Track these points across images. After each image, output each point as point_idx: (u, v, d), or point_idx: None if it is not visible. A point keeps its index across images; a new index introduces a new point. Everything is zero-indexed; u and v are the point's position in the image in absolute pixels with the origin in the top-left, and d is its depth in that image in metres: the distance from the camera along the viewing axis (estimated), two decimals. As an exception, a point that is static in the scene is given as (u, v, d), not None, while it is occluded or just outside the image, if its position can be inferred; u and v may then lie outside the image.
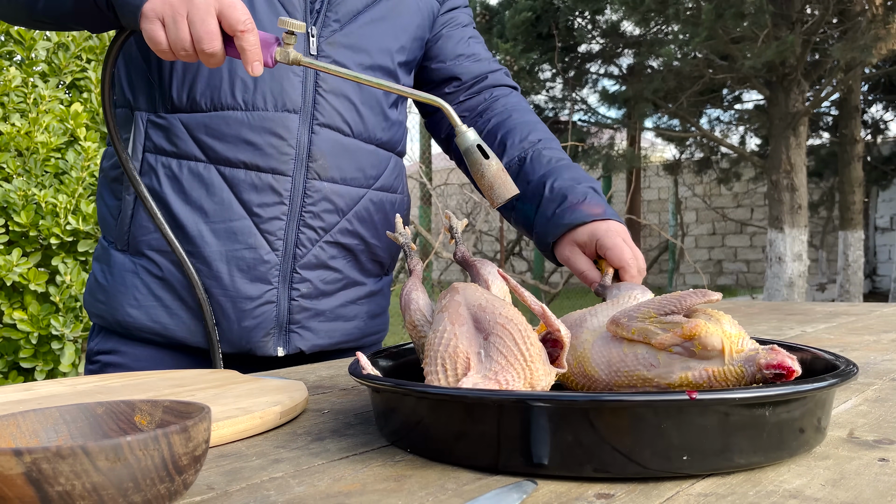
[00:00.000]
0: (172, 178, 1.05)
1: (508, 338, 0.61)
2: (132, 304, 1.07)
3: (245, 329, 1.06)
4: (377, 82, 0.90)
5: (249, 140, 1.03)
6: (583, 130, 8.75)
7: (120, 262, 1.08)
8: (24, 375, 2.30)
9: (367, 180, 1.13)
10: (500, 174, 0.89)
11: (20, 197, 2.24)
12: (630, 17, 6.83)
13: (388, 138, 1.16)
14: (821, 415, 0.58)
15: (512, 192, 0.89)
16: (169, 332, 1.07)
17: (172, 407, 0.52)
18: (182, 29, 0.85)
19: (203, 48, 0.86)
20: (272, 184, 1.04)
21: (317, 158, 1.06)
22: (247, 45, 0.86)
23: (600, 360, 0.65)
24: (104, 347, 1.11)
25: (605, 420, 0.51)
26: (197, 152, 1.04)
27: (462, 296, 0.67)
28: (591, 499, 0.49)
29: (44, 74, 2.60)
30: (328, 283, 1.11)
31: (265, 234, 1.05)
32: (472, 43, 1.25)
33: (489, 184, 0.89)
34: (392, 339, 6.49)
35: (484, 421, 0.54)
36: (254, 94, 1.03)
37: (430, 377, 0.63)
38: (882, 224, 9.77)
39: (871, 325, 1.44)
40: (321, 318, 1.11)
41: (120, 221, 1.08)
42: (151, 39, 0.87)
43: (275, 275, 1.06)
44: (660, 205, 11.78)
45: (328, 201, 1.08)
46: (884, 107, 8.98)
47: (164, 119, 1.05)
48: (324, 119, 1.06)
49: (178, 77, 1.04)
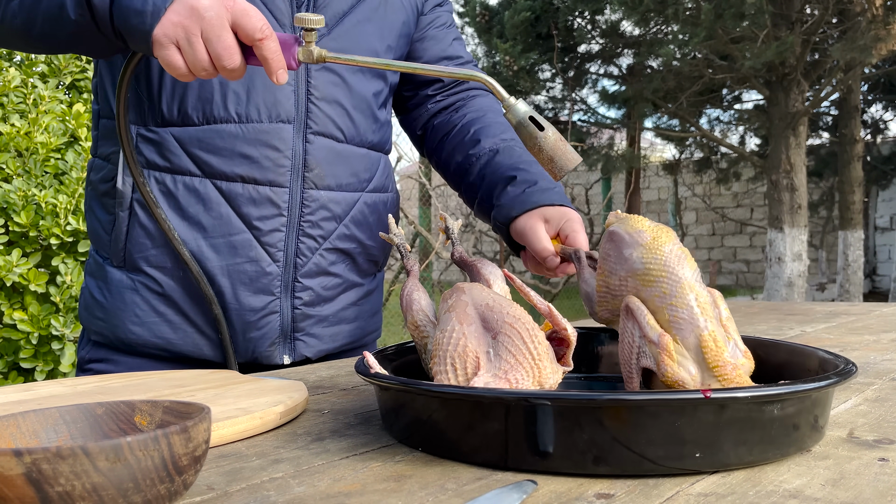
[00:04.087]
0: (168, 193, 1.03)
1: (517, 337, 0.62)
2: (134, 322, 1.05)
3: (250, 340, 1.06)
4: (409, 66, 0.87)
5: (245, 153, 1.02)
6: (582, 130, 8.74)
7: (117, 280, 1.06)
8: (24, 376, 2.30)
9: (360, 184, 1.12)
10: (559, 145, 0.83)
11: (20, 197, 2.23)
12: (630, 17, 6.83)
13: (378, 139, 1.16)
14: (819, 413, 0.58)
15: (575, 161, 0.84)
16: (174, 347, 1.06)
17: (172, 407, 0.52)
18: (199, 50, 0.81)
19: (224, 65, 0.82)
20: (270, 196, 1.03)
21: (312, 168, 1.05)
22: (268, 54, 0.82)
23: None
24: (96, 356, 1.10)
25: (621, 418, 0.52)
26: (192, 167, 1.02)
27: (469, 295, 0.67)
28: (591, 499, 0.49)
29: (43, 75, 2.60)
30: (329, 288, 1.11)
31: (266, 247, 1.04)
32: (455, 45, 1.26)
33: (549, 156, 0.83)
34: (392, 339, 6.49)
35: (500, 420, 0.55)
36: (247, 105, 1.01)
37: (440, 377, 0.63)
38: (882, 224, 9.77)
39: (871, 324, 1.44)
40: (325, 324, 1.11)
41: (114, 237, 1.05)
42: (169, 66, 0.83)
43: (277, 285, 1.05)
44: (659, 205, 11.78)
45: (326, 209, 1.08)
46: (884, 107, 8.98)
47: (154, 133, 1.02)
48: (317, 127, 1.05)
49: (168, 90, 1.01)
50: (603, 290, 0.70)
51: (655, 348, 0.61)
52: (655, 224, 0.67)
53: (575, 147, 8.12)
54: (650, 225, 0.67)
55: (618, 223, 0.69)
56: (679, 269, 0.63)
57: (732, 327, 0.64)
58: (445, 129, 1.23)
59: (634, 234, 0.66)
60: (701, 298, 0.62)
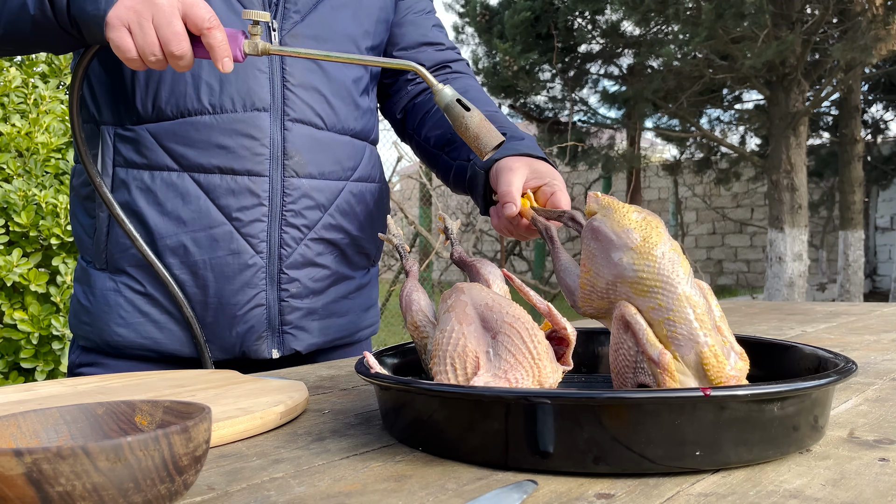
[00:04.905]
0: (146, 190, 1.03)
1: (516, 336, 0.62)
2: (119, 324, 1.05)
3: (237, 334, 1.05)
4: (347, 57, 0.91)
5: (221, 144, 1.02)
6: (582, 131, 8.74)
7: (101, 282, 1.06)
8: (24, 376, 2.30)
9: (345, 172, 1.12)
10: (483, 124, 0.88)
11: (20, 197, 2.24)
12: (630, 17, 6.83)
13: (360, 127, 1.15)
14: (819, 413, 0.58)
15: (498, 139, 0.88)
16: (160, 347, 1.05)
17: (173, 407, 0.52)
18: (149, 34, 0.85)
19: (171, 50, 0.85)
20: (249, 186, 1.03)
21: (292, 155, 1.05)
22: (214, 42, 0.86)
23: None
24: (85, 360, 1.09)
25: (622, 417, 0.52)
26: (168, 162, 1.02)
27: (468, 295, 0.67)
28: (592, 499, 0.49)
29: (44, 75, 2.61)
30: (317, 280, 1.10)
31: (247, 238, 1.03)
32: (435, 31, 1.26)
33: (475, 134, 0.88)
34: (393, 339, 6.49)
35: (501, 419, 0.55)
36: (220, 96, 1.01)
37: (440, 377, 0.63)
38: (882, 224, 9.77)
39: (872, 324, 1.44)
40: (314, 317, 1.10)
41: (96, 240, 1.06)
42: (119, 48, 0.86)
43: (261, 277, 1.05)
44: (660, 205, 11.77)
45: (308, 198, 1.07)
46: (884, 107, 8.98)
47: (131, 131, 1.03)
48: (295, 114, 1.05)
49: (141, 87, 1.02)
50: (588, 288, 0.68)
51: (655, 367, 0.60)
52: (642, 217, 0.64)
53: (575, 147, 8.12)
54: (637, 220, 0.64)
55: (602, 216, 0.66)
56: (674, 277, 0.61)
57: (726, 327, 0.63)
58: (426, 108, 1.22)
59: (622, 234, 0.63)
60: (698, 310, 0.60)
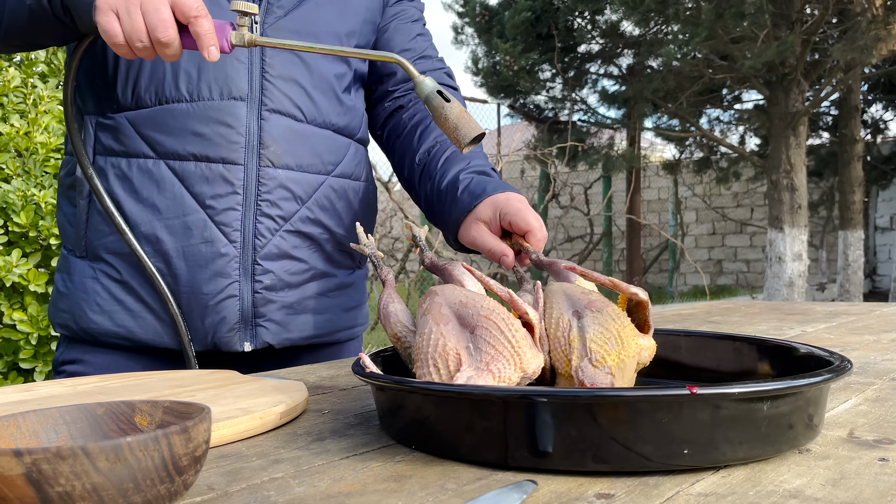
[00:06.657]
0: (123, 177, 1.03)
1: (493, 328, 0.63)
2: (95, 311, 1.05)
3: (209, 325, 1.04)
4: (331, 48, 0.92)
5: (197, 131, 1.02)
6: (582, 130, 8.75)
7: (80, 269, 1.06)
8: (23, 376, 2.30)
9: (325, 166, 1.11)
10: (463, 115, 0.88)
11: (20, 197, 2.23)
12: (630, 17, 6.83)
13: (344, 124, 1.14)
14: (813, 412, 0.58)
15: (476, 130, 0.88)
16: (135, 336, 1.05)
17: (172, 407, 0.52)
18: (136, 19, 0.86)
19: (158, 37, 0.86)
20: (223, 174, 1.02)
21: (268, 145, 1.05)
22: (201, 31, 0.86)
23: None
24: (69, 357, 1.09)
25: (608, 415, 0.52)
26: (145, 149, 1.03)
27: (442, 296, 0.68)
28: (592, 499, 0.49)
29: (43, 75, 2.60)
30: (293, 273, 1.09)
31: (220, 227, 1.03)
32: (419, 40, 1.25)
33: (454, 125, 0.88)
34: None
35: (489, 416, 0.55)
36: (198, 83, 1.02)
37: (424, 378, 0.63)
38: (882, 224, 9.77)
39: (871, 324, 1.44)
40: (288, 311, 1.09)
41: (76, 227, 1.06)
42: (107, 32, 0.87)
43: (234, 267, 1.04)
44: (660, 205, 11.78)
45: (284, 189, 1.06)
46: (884, 106, 8.98)
47: (111, 119, 1.04)
48: (273, 105, 1.05)
49: (122, 75, 1.03)
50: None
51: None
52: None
53: (575, 147, 8.12)
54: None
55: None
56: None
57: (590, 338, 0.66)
58: (396, 132, 1.22)
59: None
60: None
